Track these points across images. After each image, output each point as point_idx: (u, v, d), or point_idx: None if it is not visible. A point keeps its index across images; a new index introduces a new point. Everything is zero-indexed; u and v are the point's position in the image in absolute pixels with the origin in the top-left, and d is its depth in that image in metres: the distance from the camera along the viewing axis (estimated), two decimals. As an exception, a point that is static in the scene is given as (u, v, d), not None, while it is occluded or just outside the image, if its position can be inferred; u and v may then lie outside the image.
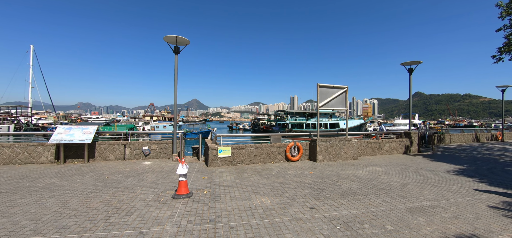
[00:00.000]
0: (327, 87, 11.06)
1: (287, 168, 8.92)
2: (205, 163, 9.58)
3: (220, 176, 7.63)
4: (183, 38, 9.68)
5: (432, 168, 9.45)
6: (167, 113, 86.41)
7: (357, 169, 8.94)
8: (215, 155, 8.95)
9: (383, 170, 8.93)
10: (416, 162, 10.65)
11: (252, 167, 8.98)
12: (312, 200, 5.42)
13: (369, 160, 11.18)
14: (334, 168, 9.16)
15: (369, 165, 9.80)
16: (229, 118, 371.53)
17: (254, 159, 9.65)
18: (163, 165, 9.14)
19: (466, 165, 10.11)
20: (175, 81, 10.09)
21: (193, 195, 5.67)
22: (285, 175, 7.81)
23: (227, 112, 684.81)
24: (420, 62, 14.02)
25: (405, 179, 7.60)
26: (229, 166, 9.14)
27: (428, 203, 5.43)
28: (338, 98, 11.31)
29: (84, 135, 9.67)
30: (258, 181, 7.00)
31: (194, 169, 8.54)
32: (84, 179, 7.05)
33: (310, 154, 10.77)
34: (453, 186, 6.81)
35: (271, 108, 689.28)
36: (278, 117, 60.79)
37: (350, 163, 10.34)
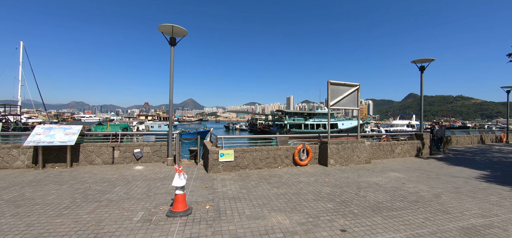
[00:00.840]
0: (338, 85, 10.10)
1: (298, 174, 7.92)
2: (204, 168, 8.51)
3: (223, 184, 6.57)
4: (180, 27, 8.60)
5: (455, 173, 8.59)
6: (162, 112, 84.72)
7: (375, 176, 8.00)
8: (216, 160, 7.89)
9: (404, 176, 8.01)
10: (434, 167, 9.79)
11: (258, 173, 7.95)
12: (339, 218, 4.42)
13: (383, 164, 10.28)
14: (349, 174, 8.21)
15: (386, 171, 8.88)
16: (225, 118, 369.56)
17: (260, 164, 8.62)
18: (157, 171, 8.03)
19: (488, 170, 9.29)
20: (171, 76, 8.99)
21: (192, 211, 4.62)
22: (298, 183, 6.81)
23: (223, 112, 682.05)
24: (433, 60, 13.22)
25: (434, 188, 6.68)
26: (232, 172, 8.09)
27: (478, 220, 4.49)
28: (349, 97, 10.37)
29: (66, 136, 8.50)
30: (268, 192, 5.97)
31: (193, 176, 7.46)
32: (61, 189, 5.91)
33: (320, 158, 9.80)
34: (493, 197, 5.92)
35: (267, 108, 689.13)
36: (276, 117, 59.86)
37: (364, 167, 9.40)
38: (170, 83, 9.01)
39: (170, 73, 8.99)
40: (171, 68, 8.97)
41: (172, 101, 9.05)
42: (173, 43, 8.95)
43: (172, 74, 9.00)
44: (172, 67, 8.97)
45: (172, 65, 8.98)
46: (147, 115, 74.79)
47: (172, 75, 9.00)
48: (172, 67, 8.98)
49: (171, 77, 9.00)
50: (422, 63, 13.56)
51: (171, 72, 8.98)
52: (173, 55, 9.02)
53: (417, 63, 13.61)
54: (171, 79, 9.01)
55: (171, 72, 8.98)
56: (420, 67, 13.63)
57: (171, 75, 8.99)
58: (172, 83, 9.01)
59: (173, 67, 9.04)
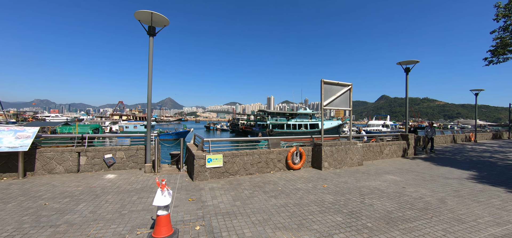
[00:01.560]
0: (332, 84, 9.67)
1: (293, 180, 7.28)
2: (189, 176, 7.52)
3: (212, 195, 5.70)
4: (161, 15, 7.55)
5: (446, 174, 8.54)
6: (138, 112, 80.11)
7: (372, 179, 7.63)
8: (203, 166, 6.97)
9: (401, 179, 7.74)
10: (423, 168, 9.75)
11: (250, 180, 7.17)
12: (355, 235, 3.82)
13: (375, 166, 10.05)
14: (346, 178, 7.75)
15: (380, 173, 8.59)
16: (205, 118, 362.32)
17: (251, 169, 7.85)
18: (132, 180, 6.90)
19: (474, 170, 9.43)
20: (150, 70, 7.87)
21: (179, 235, 3.72)
22: (296, 191, 6.15)
23: (203, 112, 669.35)
24: (417, 62, 13.42)
25: (435, 192, 6.42)
26: (221, 179, 7.22)
27: (496, 230, 4.16)
28: (342, 97, 9.99)
29: (17, 140, 7.00)
30: (266, 203, 5.23)
31: (176, 185, 6.47)
32: (5, 210, 4.64)
33: (313, 161, 9.28)
34: (495, 201, 5.75)
35: (248, 108, 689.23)
36: (258, 117, 59.36)
37: (358, 170, 9.06)
38: (149, 78, 7.89)
39: (149, 67, 7.86)
40: (149, 62, 7.85)
41: (150, 99, 7.93)
42: (152, 33, 7.84)
43: (151, 68, 7.88)
44: (151, 60, 7.86)
45: (151, 59, 7.87)
46: (122, 115, 70.15)
47: (151, 69, 7.88)
48: (151, 61, 7.87)
49: (149, 72, 7.88)
50: (407, 65, 13.72)
51: (150, 66, 7.86)
52: (152, 47, 7.91)
53: (403, 65, 13.74)
54: (149, 74, 7.89)
55: (149, 67, 7.87)
56: (405, 68, 13.78)
57: (150, 70, 7.87)
58: (151, 78, 7.90)
59: (152, 61, 7.93)
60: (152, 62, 7.89)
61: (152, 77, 7.92)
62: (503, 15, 12.04)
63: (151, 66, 7.88)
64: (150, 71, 7.87)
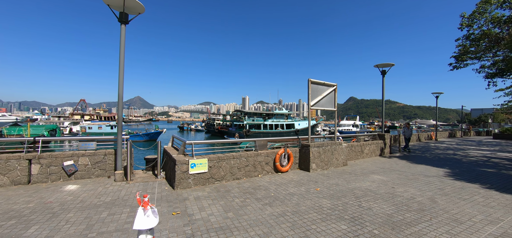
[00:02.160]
0: (318, 84, 9.51)
1: (284, 184, 6.87)
2: (169, 184, 6.66)
3: (199, 206, 5.00)
4: (135, 0, 6.59)
5: (425, 173, 8.88)
6: (103, 111, 73.62)
7: (361, 180, 7.56)
8: (186, 172, 6.20)
9: (387, 179, 7.81)
10: (403, 166, 10.09)
11: (239, 186, 6.59)
12: (366, 247, 3.50)
13: (358, 165, 10.15)
14: (335, 179, 7.58)
15: (366, 173, 8.63)
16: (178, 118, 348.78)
17: (238, 173, 7.25)
18: (100, 192, 5.85)
19: (446, 167, 10.00)
20: (121, 63, 6.82)
21: (166, 261, 3.02)
22: (290, 197, 5.74)
23: (175, 112, 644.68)
24: (393, 65, 14.03)
25: (423, 191, 6.51)
26: (206, 186, 6.51)
27: (491, 229, 4.19)
28: (327, 97, 9.90)
29: None
30: (262, 213, 4.71)
31: (155, 196, 5.62)
32: None
33: (301, 162, 9.00)
34: (477, 197, 5.97)
35: (223, 108, 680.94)
36: (234, 117, 58.50)
37: (345, 171, 9.01)
38: (120, 72, 6.83)
39: (120, 59, 6.81)
40: (121, 54, 6.80)
41: (122, 95, 6.88)
42: (124, 20, 6.81)
43: (122, 61, 6.83)
44: (122, 52, 6.81)
45: (123, 50, 6.82)
46: (84, 114, 63.72)
47: (122, 62, 6.84)
48: (123, 52, 6.83)
49: (121, 64, 6.82)
50: (384, 68, 14.29)
51: (121, 58, 6.82)
52: (125, 37, 6.88)
53: (380, 68, 14.28)
54: (121, 68, 6.83)
55: (121, 59, 6.82)
56: (382, 71, 14.34)
57: (121, 63, 6.82)
58: (123, 72, 6.85)
59: (124, 52, 6.89)
60: (123, 54, 6.85)
61: (123, 71, 6.88)
62: (466, 25, 13.12)
63: (123, 58, 6.84)
64: (122, 64, 6.82)
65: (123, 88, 6.86)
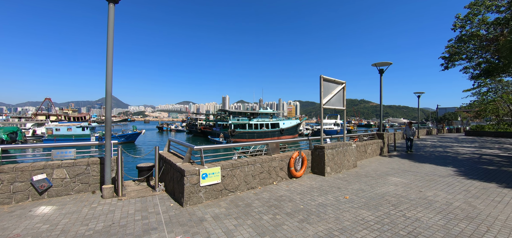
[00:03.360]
0: (329, 81, 8.85)
1: (307, 192, 6.05)
2: (174, 199, 5.48)
3: (224, 230, 3.96)
4: (128, -27, 5.31)
5: (436, 172, 8.62)
6: (71, 111, 67.34)
7: (382, 184, 7.00)
8: (196, 184, 5.09)
9: (407, 181, 7.35)
10: (410, 166, 9.83)
11: (257, 197, 5.63)
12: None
13: (367, 166, 9.70)
14: (356, 184, 6.94)
15: (381, 175, 8.14)
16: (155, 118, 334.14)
17: (252, 181, 6.28)
18: (86, 215, 4.54)
19: (451, 166, 9.88)
20: (109, 49, 5.48)
21: None
22: (324, 209, 4.93)
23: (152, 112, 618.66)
24: (391, 64, 13.93)
25: (452, 194, 6.08)
26: (220, 199, 5.45)
27: None
28: (337, 96, 9.30)
29: None
30: (305, 234, 3.80)
31: (161, 217, 4.45)
32: None
33: (314, 166, 8.26)
34: (508, 199, 5.66)
35: (202, 107, 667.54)
36: (218, 117, 56.79)
37: (357, 173, 8.46)
38: (108, 60, 5.50)
39: (108, 46, 5.48)
40: (109, 39, 5.47)
41: (111, 89, 5.54)
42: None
43: (111, 47, 5.50)
44: (111, 36, 5.49)
45: (111, 35, 5.49)
46: (49, 115, 57.60)
47: (111, 48, 5.50)
48: (111, 38, 5.50)
49: (109, 51, 5.49)
50: (381, 66, 14.14)
51: (110, 44, 5.48)
52: (113, 20, 5.55)
53: (378, 66, 14.10)
54: (109, 55, 5.50)
55: (109, 45, 5.48)
56: (380, 70, 14.18)
57: (110, 49, 5.49)
58: (111, 60, 5.53)
59: (113, 38, 5.57)
60: (112, 40, 5.52)
61: (112, 59, 5.55)
62: (460, 26, 13.38)
63: (111, 45, 5.50)
64: (110, 50, 5.49)
65: (111, 80, 5.54)
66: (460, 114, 68.35)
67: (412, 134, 14.20)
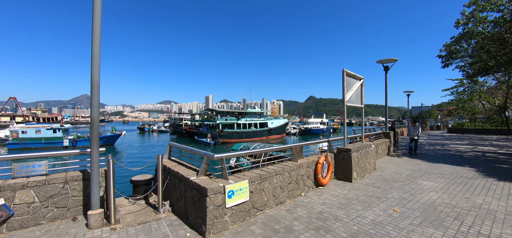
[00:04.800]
0: (351, 76, 7.95)
1: (346, 206, 5.01)
2: (191, 227, 4.15)
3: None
4: None
5: (459, 173, 8.07)
6: (41, 111, 61.40)
7: (419, 191, 6.18)
8: (221, 206, 3.83)
9: (442, 186, 6.61)
10: (429, 167, 9.24)
11: (292, 215, 4.49)
12: None
13: (386, 169, 8.94)
14: (393, 192, 6.04)
15: (409, 179, 7.38)
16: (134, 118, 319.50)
17: (281, 195, 5.12)
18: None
19: (467, 165, 9.46)
20: (95, 29, 4.04)
21: None
22: (381, 229, 3.91)
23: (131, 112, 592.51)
24: (396, 60, 13.43)
25: (497, 199, 5.44)
26: (248, 222, 4.22)
27: None
28: (355, 92, 8.43)
29: None
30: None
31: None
32: None
33: (338, 171, 7.28)
34: None
35: (185, 107, 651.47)
36: (205, 117, 54.69)
37: (382, 177, 7.64)
38: (94, 37, 4.04)
39: (94, 25, 4.03)
40: (95, 18, 4.02)
41: (98, 76, 4.10)
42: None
43: (98, 26, 4.05)
44: (98, 14, 4.03)
45: (99, 12, 4.04)
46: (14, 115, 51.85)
47: (98, 28, 4.05)
48: (98, 16, 4.05)
49: (95, 25, 4.04)
50: (387, 63, 13.62)
51: (97, 23, 4.03)
52: None
53: (383, 63, 13.56)
54: (95, 30, 4.05)
55: (95, 24, 4.03)
56: (385, 67, 13.65)
57: (97, 29, 4.04)
58: (98, 37, 4.08)
59: (100, 17, 4.11)
60: (99, 19, 4.06)
61: (100, 40, 4.10)
62: (463, 23, 13.19)
63: (99, 24, 4.05)
64: (97, 30, 4.04)
65: (99, 66, 4.08)
66: (433, 112, 72.21)
67: (417, 134, 12.78)
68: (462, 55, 14.23)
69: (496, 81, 32.72)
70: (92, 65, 4.01)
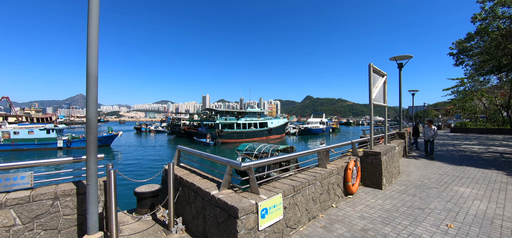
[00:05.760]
0: (376, 72, 7.25)
1: (390, 219, 4.27)
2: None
3: None
4: None
5: (491, 178, 7.43)
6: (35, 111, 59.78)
7: (462, 199, 5.47)
8: (254, 228, 3.05)
9: (481, 192, 5.94)
10: (454, 171, 8.57)
11: (331, 234, 3.74)
12: None
13: (409, 172, 8.26)
14: (433, 200, 5.32)
15: (443, 185, 6.67)
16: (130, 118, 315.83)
17: (313, 208, 4.35)
18: None
19: (493, 168, 8.84)
20: (93, 9, 3.23)
21: None
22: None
23: (127, 111, 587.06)
24: (411, 57, 12.79)
25: None
26: (280, 244, 3.46)
27: None
28: (379, 90, 7.73)
29: None
30: None
31: None
32: None
33: (365, 177, 6.54)
34: None
35: (182, 106, 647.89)
36: (204, 116, 53.70)
37: (411, 182, 6.94)
38: (91, 21, 3.23)
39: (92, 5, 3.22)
40: None
41: (96, 67, 3.29)
42: None
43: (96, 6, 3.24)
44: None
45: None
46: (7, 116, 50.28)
47: (96, 7, 3.24)
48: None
49: (92, 13, 3.22)
50: (401, 60, 12.97)
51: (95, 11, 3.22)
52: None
53: (397, 60, 12.90)
54: (92, 12, 3.24)
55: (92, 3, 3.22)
56: (399, 64, 13.00)
57: (94, 9, 3.22)
58: (96, 19, 3.27)
59: None
60: None
61: (98, 17, 3.29)
62: (481, 18, 12.57)
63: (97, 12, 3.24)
64: (95, 10, 3.23)
65: (97, 55, 3.27)
66: (430, 112, 72.18)
67: (432, 135, 11.43)
68: (478, 53, 13.65)
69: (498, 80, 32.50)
70: (88, 54, 3.19)
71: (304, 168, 5.27)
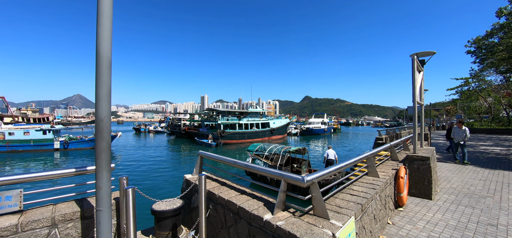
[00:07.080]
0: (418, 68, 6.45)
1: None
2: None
3: None
4: None
5: None
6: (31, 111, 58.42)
7: (533, 212, 4.69)
8: (328, 267, 2.23)
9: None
10: (496, 176, 7.83)
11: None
12: None
13: (451, 179, 7.48)
14: (501, 213, 4.52)
15: (496, 193, 5.88)
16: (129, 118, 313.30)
17: (374, 228, 3.52)
18: None
19: None
20: None
21: None
22: None
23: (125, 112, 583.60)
24: (434, 53, 12.02)
25: None
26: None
27: None
28: (419, 86, 6.96)
29: None
30: None
31: None
32: None
33: (411, 185, 5.72)
34: None
35: (180, 107, 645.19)
36: (205, 117, 52.72)
37: (459, 191, 6.14)
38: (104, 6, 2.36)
39: None
40: None
41: (110, 47, 2.44)
42: None
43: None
44: None
45: None
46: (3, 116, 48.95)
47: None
48: None
49: None
50: (423, 57, 12.19)
51: None
52: None
53: (419, 57, 12.11)
54: None
55: None
56: (421, 60, 12.23)
57: None
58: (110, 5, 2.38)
59: None
60: None
61: None
62: (508, 13, 11.81)
63: None
64: None
65: (111, 34, 2.42)
66: (431, 112, 71.86)
67: (464, 138, 9.62)
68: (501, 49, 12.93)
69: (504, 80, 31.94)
70: (98, 29, 2.32)
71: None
